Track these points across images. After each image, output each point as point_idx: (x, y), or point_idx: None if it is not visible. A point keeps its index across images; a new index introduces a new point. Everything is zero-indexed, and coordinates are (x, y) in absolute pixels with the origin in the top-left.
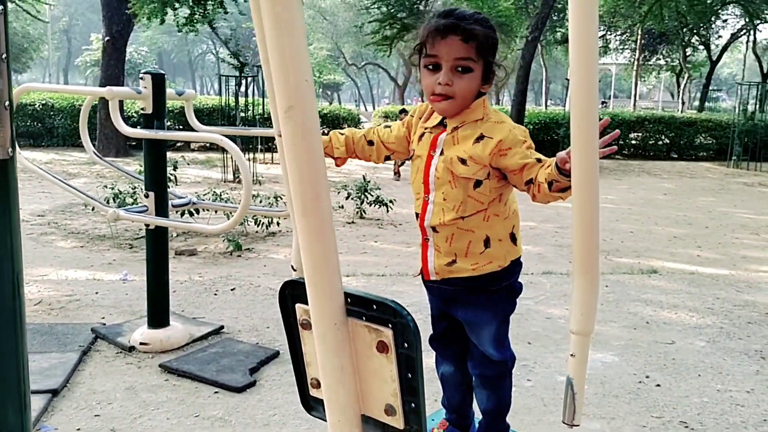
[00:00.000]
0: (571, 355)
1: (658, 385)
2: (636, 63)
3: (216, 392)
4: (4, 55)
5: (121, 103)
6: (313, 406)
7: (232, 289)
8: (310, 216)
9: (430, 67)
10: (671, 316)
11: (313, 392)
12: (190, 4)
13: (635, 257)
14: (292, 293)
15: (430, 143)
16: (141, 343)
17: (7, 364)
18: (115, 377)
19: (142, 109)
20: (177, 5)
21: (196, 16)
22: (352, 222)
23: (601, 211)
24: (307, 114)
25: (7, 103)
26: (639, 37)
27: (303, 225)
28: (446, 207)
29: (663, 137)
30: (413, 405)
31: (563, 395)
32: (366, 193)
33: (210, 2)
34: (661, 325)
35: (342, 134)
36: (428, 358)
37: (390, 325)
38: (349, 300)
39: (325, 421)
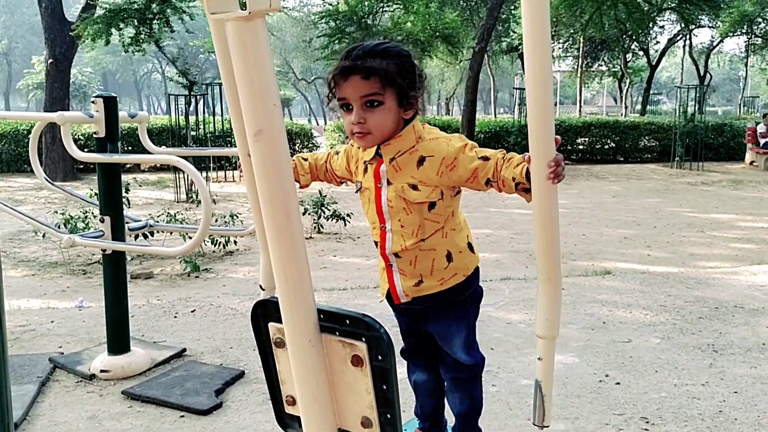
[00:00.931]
0: (538, 358)
1: (618, 383)
2: (579, 70)
3: (182, 416)
4: None
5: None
6: (288, 423)
7: (192, 311)
8: (282, 235)
9: (344, 108)
10: (626, 315)
11: (288, 409)
12: (135, 24)
13: (589, 259)
14: (264, 312)
15: (374, 175)
16: (102, 371)
17: None
18: (77, 407)
19: (95, 132)
20: (122, 25)
21: (142, 36)
22: (310, 237)
23: None
24: (275, 137)
25: None
26: (581, 44)
27: (275, 244)
28: (405, 233)
29: (609, 141)
30: (389, 416)
31: (532, 398)
32: (323, 208)
33: (156, 21)
34: (617, 324)
35: (305, 159)
36: (400, 366)
37: (363, 339)
38: (321, 316)
39: None
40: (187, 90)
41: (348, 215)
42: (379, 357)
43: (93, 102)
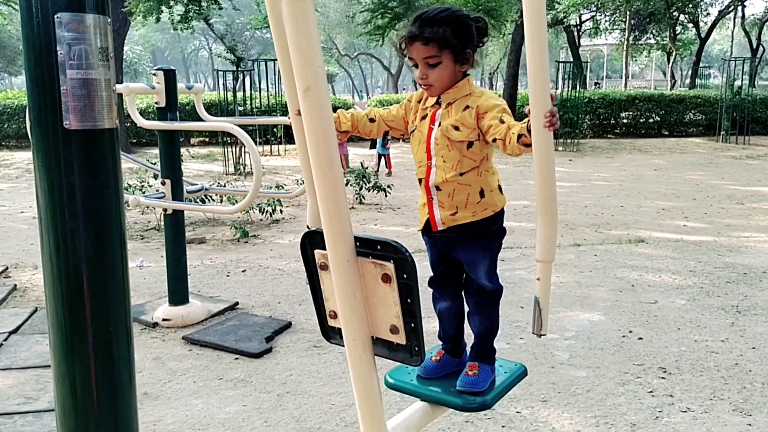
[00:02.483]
0: (537, 279)
1: (640, 339)
2: (626, 43)
3: (236, 358)
4: (112, 54)
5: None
6: (331, 335)
7: (242, 271)
8: (325, 175)
9: (412, 65)
10: (655, 279)
11: (331, 322)
12: (185, 1)
13: (624, 229)
14: (311, 242)
15: (430, 118)
16: (164, 319)
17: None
18: (142, 350)
19: (156, 102)
20: (172, 3)
21: (191, 14)
22: (352, 207)
23: (593, 188)
24: (321, 93)
25: (114, 83)
26: (628, 17)
27: (320, 182)
28: (446, 167)
29: (653, 115)
30: (413, 325)
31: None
32: (364, 180)
33: None
34: (645, 287)
35: (348, 112)
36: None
37: (392, 260)
38: (357, 243)
39: (342, 345)
40: (234, 66)
41: (389, 186)
42: (404, 275)
43: (154, 74)
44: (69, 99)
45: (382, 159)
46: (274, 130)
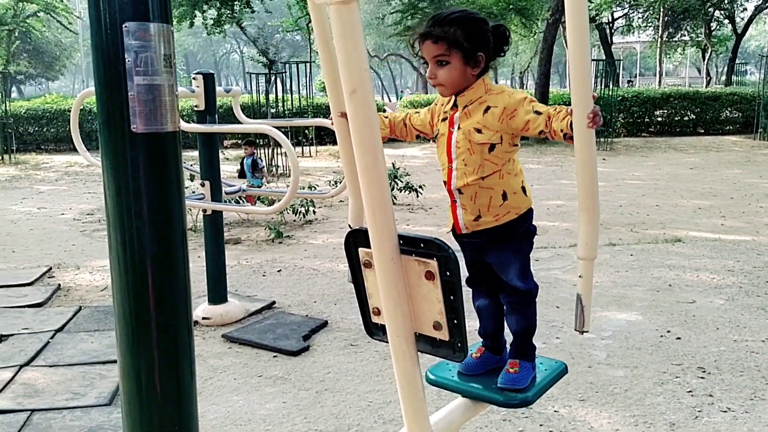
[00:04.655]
0: (579, 276)
1: (679, 338)
2: (660, 40)
3: (275, 356)
4: (173, 60)
5: None
6: (374, 331)
7: (278, 271)
8: (370, 173)
9: (425, 64)
10: (693, 279)
11: (374, 319)
12: (218, 5)
13: (660, 228)
14: (354, 240)
15: (449, 121)
16: (203, 318)
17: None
18: None
19: (195, 105)
20: (206, 7)
21: (224, 18)
22: None
23: (627, 188)
24: (366, 94)
25: (177, 90)
26: (661, 14)
27: (365, 180)
28: (467, 171)
29: (689, 113)
30: (455, 321)
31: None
32: (396, 180)
33: (237, 3)
34: (682, 287)
35: (386, 117)
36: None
37: (435, 258)
38: (401, 241)
39: (386, 342)
40: (266, 69)
41: (420, 187)
42: (447, 273)
43: (194, 78)
44: (136, 104)
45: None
46: (306, 131)
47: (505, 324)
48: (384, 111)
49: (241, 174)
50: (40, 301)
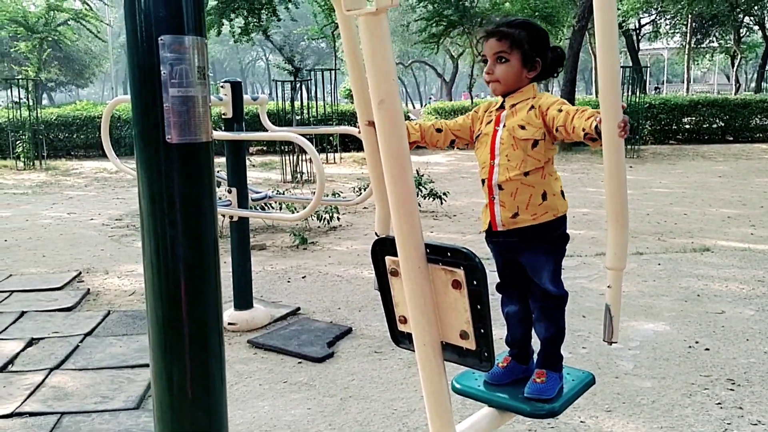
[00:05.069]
0: (608, 286)
1: (707, 349)
2: (688, 47)
3: (299, 362)
4: (206, 72)
5: None
6: (400, 339)
7: (303, 277)
8: (398, 183)
9: (483, 62)
10: (721, 289)
11: (401, 327)
12: (245, 14)
13: (688, 237)
14: (381, 248)
15: (495, 121)
16: (229, 323)
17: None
18: None
19: (223, 114)
20: (233, 16)
21: (251, 26)
22: None
23: (654, 196)
24: (394, 105)
25: (210, 101)
26: (689, 20)
27: (393, 189)
28: (510, 166)
29: (717, 120)
30: (482, 330)
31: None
32: (420, 187)
33: (263, 12)
34: (711, 297)
35: (416, 124)
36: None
37: (462, 267)
38: (428, 250)
39: (412, 350)
40: (292, 76)
41: (444, 194)
42: (474, 282)
43: (222, 87)
44: (171, 115)
45: None
46: (330, 138)
47: (533, 332)
48: (408, 118)
49: None
50: (69, 306)
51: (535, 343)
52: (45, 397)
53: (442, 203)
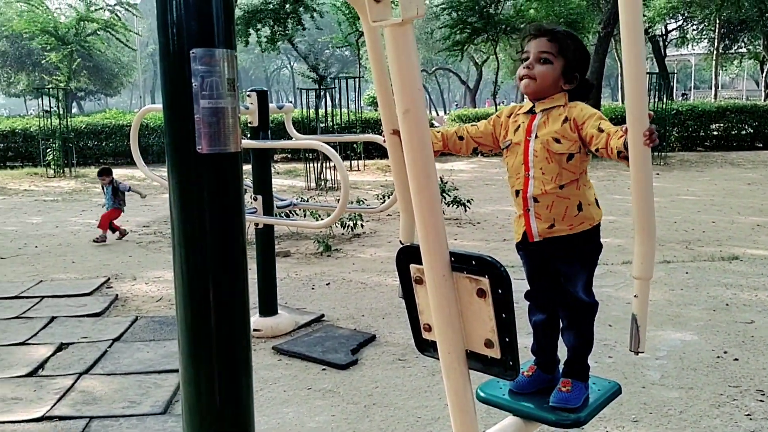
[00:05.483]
0: (635, 296)
1: (736, 359)
2: (716, 52)
3: (323, 369)
4: (236, 84)
5: None
6: (425, 348)
7: (327, 284)
8: (423, 191)
9: (523, 60)
10: (751, 298)
11: (425, 335)
12: (271, 23)
13: (717, 246)
14: (407, 256)
15: (526, 130)
16: (254, 330)
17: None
18: None
19: (249, 122)
20: (259, 26)
21: (277, 35)
22: None
23: (682, 203)
24: (419, 114)
25: (239, 112)
26: (717, 26)
27: (417, 198)
28: (545, 179)
29: (746, 127)
30: (507, 339)
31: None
32: (444, 194)
33: (289, 21)
34: (740, 306)
35: (438, 132)
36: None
37: (487, 276)
38: (453, 258)
39: (436, 358)
40: (316, 84)
41: (468, 201)
42: (499, 290)
43: (248, 95)
44: (201, 126)
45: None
46: (354, 145)
47: (560, 341)
48: (433, 126)
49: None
50: (98, 311)
51: (561, 353)
52: (74, 401)
53: (466, 210)
